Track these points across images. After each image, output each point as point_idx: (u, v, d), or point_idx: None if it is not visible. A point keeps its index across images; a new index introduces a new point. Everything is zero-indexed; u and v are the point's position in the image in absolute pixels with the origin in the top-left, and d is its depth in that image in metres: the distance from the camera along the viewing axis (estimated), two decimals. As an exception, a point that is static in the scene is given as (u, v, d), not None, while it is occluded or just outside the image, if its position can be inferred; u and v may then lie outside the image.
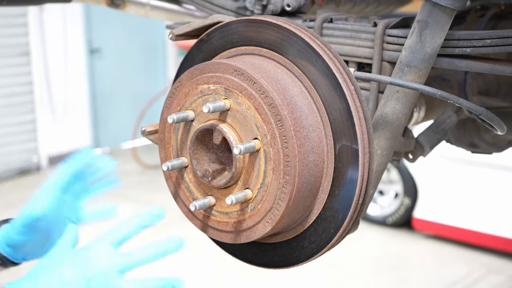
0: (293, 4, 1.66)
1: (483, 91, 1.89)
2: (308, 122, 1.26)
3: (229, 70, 1.27)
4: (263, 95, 1.23)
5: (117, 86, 9.72)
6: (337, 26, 1.56)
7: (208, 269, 5.75)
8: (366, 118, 1.25)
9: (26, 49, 8.49)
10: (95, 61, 9.46)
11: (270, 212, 1.26)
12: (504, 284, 5.56)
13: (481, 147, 2.08)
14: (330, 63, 1.25)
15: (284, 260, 1.37)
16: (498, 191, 5.90)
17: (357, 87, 1.26)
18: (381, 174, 1.49)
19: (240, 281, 5.55)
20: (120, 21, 9.37)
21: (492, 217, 5.92)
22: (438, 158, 6.00)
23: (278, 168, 1.23)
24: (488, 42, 1.36)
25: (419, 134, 1.77)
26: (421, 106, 1.69)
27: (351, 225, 1.30)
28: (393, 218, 6.58)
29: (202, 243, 4.60)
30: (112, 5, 2.13)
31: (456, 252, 6.11)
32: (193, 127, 1.35)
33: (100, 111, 9.51)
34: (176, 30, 1.47)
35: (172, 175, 1.41)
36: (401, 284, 5.59)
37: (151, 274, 1.22)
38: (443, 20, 1.36)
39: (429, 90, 1.36)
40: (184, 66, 1.47)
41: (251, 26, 1.34)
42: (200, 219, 1.38)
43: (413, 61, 1.39)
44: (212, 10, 1.81)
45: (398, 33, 1.47)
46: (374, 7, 2.07)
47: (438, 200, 6.26)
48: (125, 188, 8.79)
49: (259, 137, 1.24)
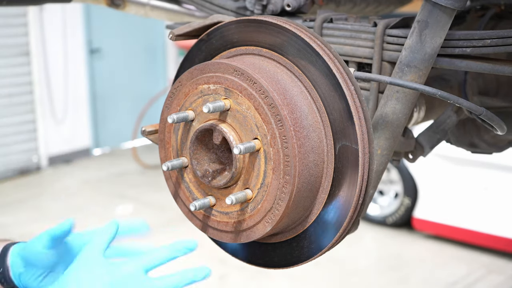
0: (293, 4, 1.66)
1: (483, 91, 1.89)
2: (308, 122, 1.25)
3: (229, 70, 1.27)
4: (263, 95, 1.23)
5: (117, 86, 9.73)
6: (337, 26, 1.56)
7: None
8: (366, 118, 1.25)
9: (26, 49, 8.49)
10: (95, 61, 9.46)
11: (270, 212, 1.26)
12: (504, 284, 5.56)
13: (481, 147, 2.08)
14: (330, 63, 1.25)
15: (284, 260, 1.37)
16: (498, 191, 5.90)
17: (357, 87, 1.26)
18: (381, 174, 1.49)
19: (240, 281, 5.55)
20: (120, 21, 9.38)
21: (492, 217, 5.92)
22: (438, 158, 6.00)
23: (278, 168, 1.23)
24: (488, 42, 1.36)
25: (419, 134, 1.77)
26: (421, 106, 1.69)
27: (351, 225, 1.30)
28: (393, 218, 6.58)
29: (202, 243, 4.60)
30: (112, 5, 2.13)
31: (456, 252, 6.11)
32: (193, 127, 1.35)
33: (100, 111, 9.51)
34: (176, 30, 1.47)
35: (172, 175, 1.41)
36: (401, 284, 5.60)
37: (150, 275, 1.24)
38: (443, 20, 1.36)
39: (429, 90, 1.36)
40: (184, 66, 1.47)
41: (251, 26, 1.34)
42: (200, 219, 1.38)
43: (413, 61, 1.39)
44: (212, 10, 1.81)
45: (398, 33, 1.47)
46: (374, 7, 2.07)
47: (438, 200, 6.26)
48: (125, 188, 8.80)
49: (259, 137, 1.24)
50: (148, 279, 1.19)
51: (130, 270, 1.19)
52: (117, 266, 1.20)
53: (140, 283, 1.17)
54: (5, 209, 7.29)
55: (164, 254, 1.23)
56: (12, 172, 8.53)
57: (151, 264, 1.21)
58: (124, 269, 1.19)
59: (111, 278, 1.17)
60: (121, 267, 1.19)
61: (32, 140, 8.75)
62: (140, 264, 1.20)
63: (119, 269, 1.19)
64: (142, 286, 1.17)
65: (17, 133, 8.60)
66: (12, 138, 8.53)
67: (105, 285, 1.16)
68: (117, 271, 1.18)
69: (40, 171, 8.79)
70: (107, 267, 1.19)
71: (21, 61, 8.48)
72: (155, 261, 1.22)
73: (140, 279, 1.17)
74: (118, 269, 1.19)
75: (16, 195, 7.85)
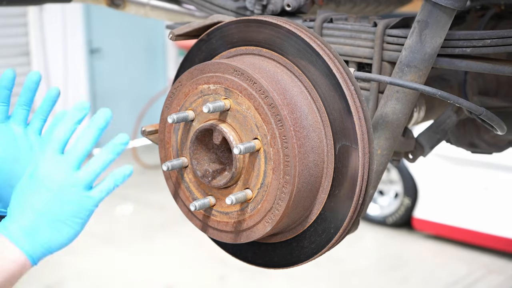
0: (293, 4, 1.66)
1: (483, 91, 1.89)
2: (308, 122, 1.26)
3: (229, 70, 1.27)
4: (263, 95, 1.23)
5: (117, 86, 9.72)
6: (337, 26, 1.56)
7: (208, 269, 5.75)
8: (366, 118, 1.25)
9: (26, 49, 8.49)
10: (95, 61, 9.46)
11: (270, 212, 1.26)
12: (504, 284, 5.56)
13: (481, 147, 2.08)
14: (330, 63, 1.25)
15: (284, 260, 1.37)
16: (498, 191, 5.90)
17: (357, 87, 1.26)
18: (381, 174, 1.49)
19: (240, 281, 5.55)
20: (120, 21, 9.37)
21: (492, 217, 5.92)
22: (438, 158, 6.00)
23: (278, 168, 1.23)
24: (488, 42, 1.36)
25: (419, 134, 1.77)
26: (421, 106, 1.69)
27: (351, 225, 1.30)
28: (393, 218, 6.58)
29: (202, 243, 4.60)
30: (112, 5, 2.13)
31: (456, 252, 6.11)
32: (193, 127, 1.35)
33: (100, 111, 9.49)
34: (176, 30, 1.47)
35: (172, 175, 1.41)
36: (401, 284, 5.60)
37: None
38: (443, 20, 1.36)
39: (429, 90, 1.36)
40: (184, 66, 1.47)
41: (251, 26, 1.34)
42: (200, 219, 1.38)
43: (413, 61, 1.39)
44: (212, 10, 1.81)
45: (398, 33, 1.47)
46: (374, 7, 2.07)
47: (438, 200, 6.26)
48: (125, 188, 8.77)
49: (259, 137, 1.24)
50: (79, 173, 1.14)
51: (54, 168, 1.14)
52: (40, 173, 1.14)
53: (72, 182, 1.13)
54: (5, 209, 7.29)
55: (68, 125, 1.17)
56: (12, 172, 8.51)
57: (62, 143, 1.16)
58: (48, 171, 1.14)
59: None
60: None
61: (32, 140, 8.74)
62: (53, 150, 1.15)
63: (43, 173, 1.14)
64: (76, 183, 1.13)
65: (17, 133, 8.59)
66: (12, 138, 8.52)
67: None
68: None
69: (40, 171, 8.78)
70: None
71: (21, 61, 8.47)
72: (64, 138, 1.17)
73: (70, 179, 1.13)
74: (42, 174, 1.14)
75: (16, 195, 7.84)
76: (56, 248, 1.16)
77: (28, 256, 1.13)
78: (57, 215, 1.13)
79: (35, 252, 1.14)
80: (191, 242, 6.06)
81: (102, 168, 1.16)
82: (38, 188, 1.14)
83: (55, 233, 1.14)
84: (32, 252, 1.13)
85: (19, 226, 1.13)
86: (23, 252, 1.12)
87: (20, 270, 1.13)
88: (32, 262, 1.14)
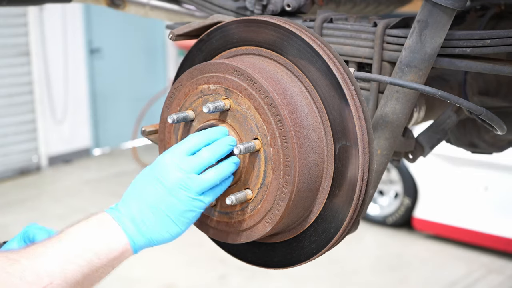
0: (293, 4, 1.66)
1: (483, 91, 1.89)
2: (308, 122, 1.26)
3: (229, 70, 1.27)
4: (263, 95, 1.23)
5: (117, 86, 9.72)
6: (337, 26, 1.56)
7: (208, 269, 5.75)
8: (366, 118, 1.25)
9: (26, 49, 8.49)
10: (95, 61, 9.46)
11: (270, 212, 1.26)
12: (504, 284, 5.56)
13: (481, 147, 2.09)
14: (330, 63, 1.25)
15: (284, 260, 1.37)
16: (498, 191, 5.90)
17: (357, 87, 1.26)
18: (381, 174, 1.49)
19: (240, 281, 5.55)
20: (120, 21, 9.38)
21: (492, 217, 5.92)
22: (438, 158, 6.00)
23: (278, 168, 1.23)
24: (488, 42, 1.36)
25: (419, 134, 1.77)
26: (421, 106, 1.69)
27: (351, 225, 1.30)
28: (393, 218, 6.58)
29: (202, 243, 4.60)
30: (112, 5, 2.13)
31: (456, 252, 6.12)
32: (193, 127, 1.35)
33: (100, 111, 9.51)
34: (176, 30, 1.47)
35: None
36: (401, 284, 5.60)
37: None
38: (443, 20, 1.36)
39: (429, 90, 1.36)
40: (184, 66, 1.47)
41: (251, 26, 1.34)
42: (200, 219, 1.38)
43: (413, 61, 1.39)
44: (212, 10, 1.81)
45: (398, 33, 1.47)
46: (374, 7, 2.07)
47: (438, 200, 6.26)
48: (125, 188, 8.74)
49: (259, 137, 1.24)
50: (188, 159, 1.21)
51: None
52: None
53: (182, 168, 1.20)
54: (5, 209, 7.30)
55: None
56: (12, 172, 8.53)
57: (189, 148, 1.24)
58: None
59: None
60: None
61: (32, 140, 8.75)
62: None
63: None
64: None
65: (17, 133, 8.59)
66: (12, 138, 8.53)
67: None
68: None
69: (40, 171, 8.79)
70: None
71: (21, 61, 8.47)
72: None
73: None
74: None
75: (16, 195, 7.85)
76: (158, 242, 1.21)
77: (131, 243, 1.17)
78: (166, 211, 1.18)
79: (138, 240, 1.18)
80: (191, 242, 6.05)
81: (219, 180, 1.22)
82: (154, 182, 1.19)
83: (161, 228, 1.19)
84: (136, 239, 1.18)
85: (129, 212, 1.18)
86: (128, 238, 1.17)
87: (122, 253, 1.17)
88: (134, 250, 1.18)
